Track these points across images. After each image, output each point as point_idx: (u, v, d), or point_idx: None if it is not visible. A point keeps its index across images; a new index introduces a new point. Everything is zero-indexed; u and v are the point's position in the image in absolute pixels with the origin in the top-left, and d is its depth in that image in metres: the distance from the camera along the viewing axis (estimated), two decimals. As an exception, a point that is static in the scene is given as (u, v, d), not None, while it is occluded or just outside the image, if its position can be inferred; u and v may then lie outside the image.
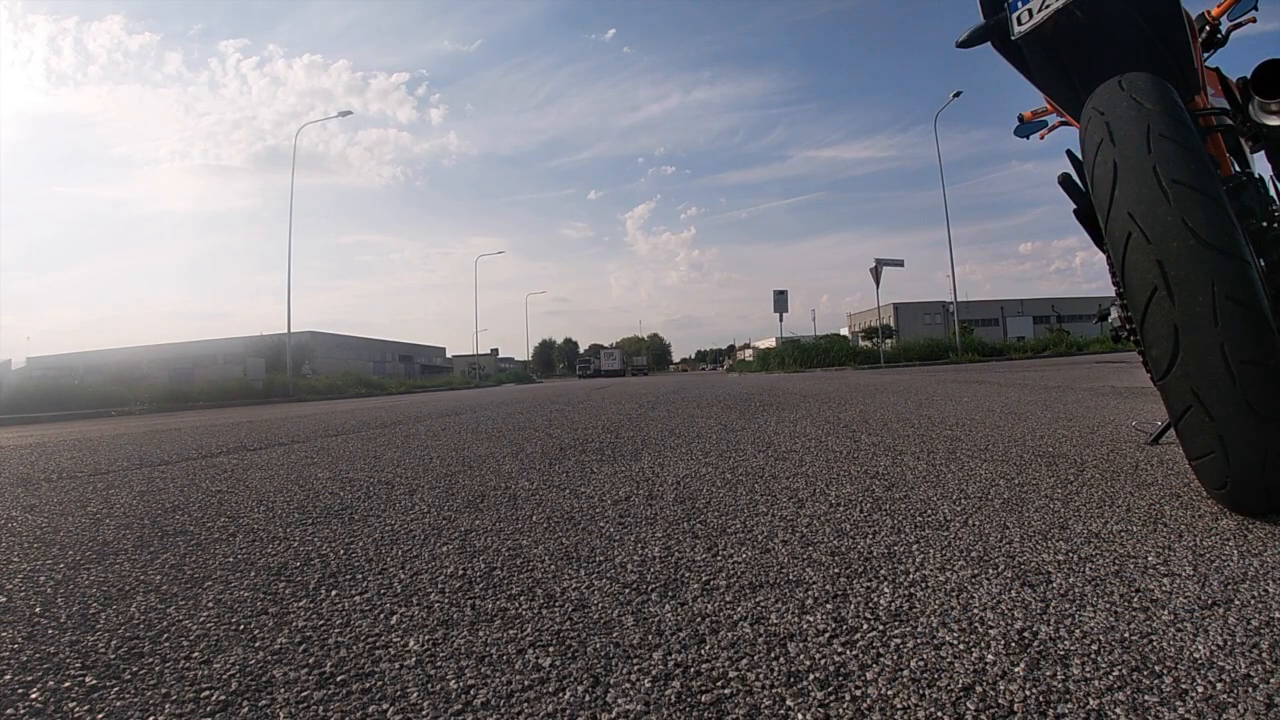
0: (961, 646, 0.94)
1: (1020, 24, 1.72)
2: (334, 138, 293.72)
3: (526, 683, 0.90)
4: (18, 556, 1.68)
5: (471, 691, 0.88)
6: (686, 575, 1.31)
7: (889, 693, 0.83)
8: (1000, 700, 0.80)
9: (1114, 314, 2.00)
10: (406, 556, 1.53)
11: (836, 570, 1.29)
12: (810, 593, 1.18)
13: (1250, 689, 0.80)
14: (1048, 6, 1.65)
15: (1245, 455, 1.27)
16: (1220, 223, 1.26)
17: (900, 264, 23.83)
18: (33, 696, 0.92)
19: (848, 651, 0.95)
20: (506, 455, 3.19)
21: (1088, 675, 0.84)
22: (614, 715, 0.81)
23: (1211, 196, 1.28)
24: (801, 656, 0.94)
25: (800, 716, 0.79)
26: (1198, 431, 1.33)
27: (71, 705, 0.90)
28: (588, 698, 0.86)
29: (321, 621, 1.15)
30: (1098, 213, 1.45)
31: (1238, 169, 1.79)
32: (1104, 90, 1.51)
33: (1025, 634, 0.97)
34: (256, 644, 1.07)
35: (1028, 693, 0.81)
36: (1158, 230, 1.29)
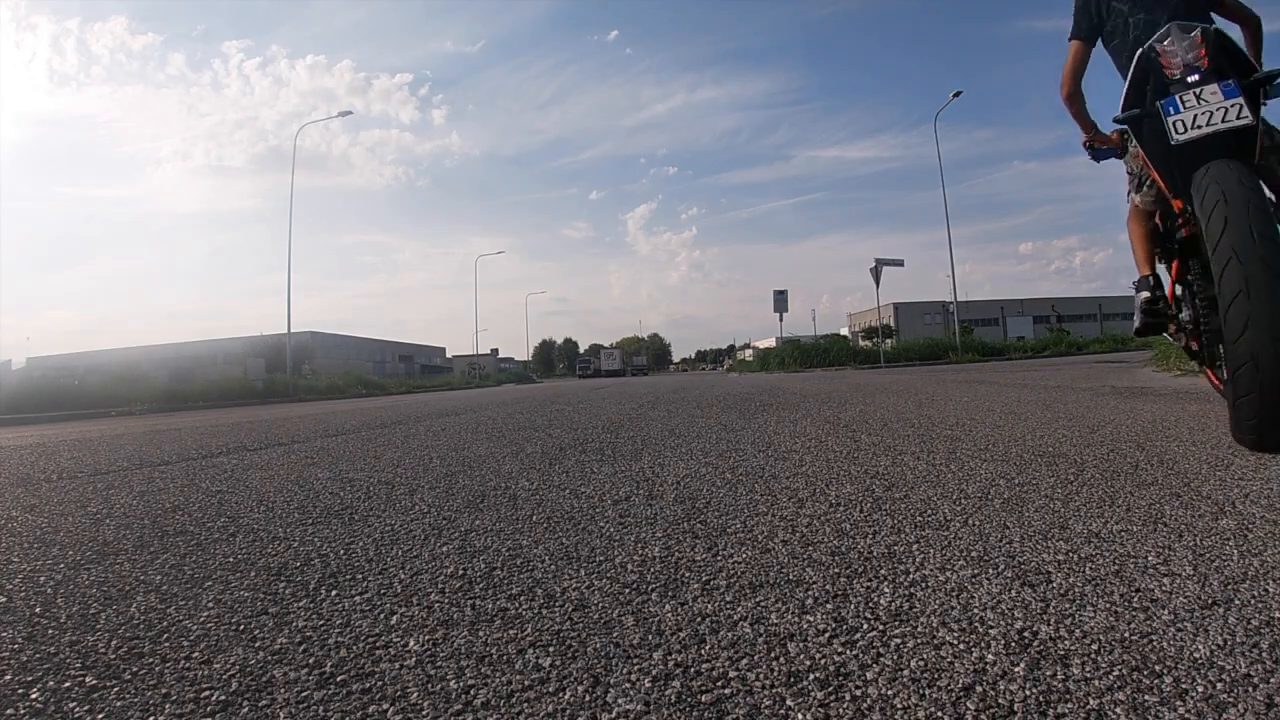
0: (962, 646, 0.94)
1: (1178, 132, 2.31)
2: (336, 138, 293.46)
3: (527, 683, 0.90)
4: (18, 556, 1.68)
5: (472, 691, 0.88)
6: (686, 575, 1.31)
7: (889, 693, 0.83)
8: (1000, 700, 0.80)
9: (1144, 294, 2.93)
10: (407, 556, 1.53)
11: (836, 570, 1.29)
12: (810, 592, 1.18)
13: (1250, 689, 0.80)
14: (1207, 128, 2.26)
15: (1276, 397, 1.96)
16: None
17: (900, 264, 23.82)
18: (33, 696, 0.92)
19: (848, 651, 0.95)
20: (506, 455, 3.19)
21: (1088, 675, 0.84)
22: (614, 715, 0.82)
23: (1278, 244, 2.02)
24: (801, 656, 0.94)
25: (800, 716, 0.79)
26: (1247, 379, 2.00)
27: (72, 705, 0.90)
28: (588, 698, 0.86)
29: (321, 621, 1.15)
30: (1207, 243, 2.13)
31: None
32: (1217, 168, 2.22)
33: (1025, 634, 0.97)
34: (256, 644, 1.07)
35: (1028, 692, 0.81)
36: (1248, 259, 2.00)
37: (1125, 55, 2.73)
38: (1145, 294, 2.94)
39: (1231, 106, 2.27)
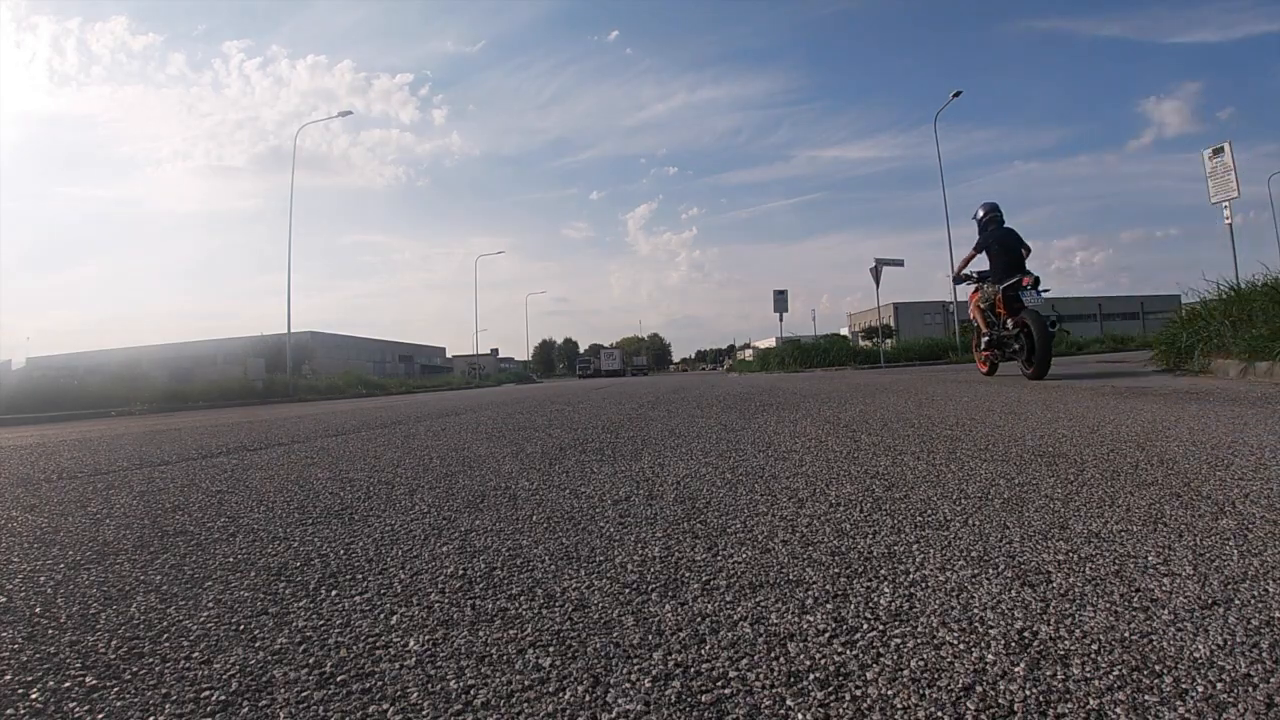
0: (962, 646, 0.94)
1: (1027, 303, 6.80)
2: (336, 138, 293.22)
3: (527, 683, 0.90)
4: (18, 556, 1.68)
5: (472, 691, 0.88)
6: (686, 575, 1.31)
7: (889, 693, 0.83)
8: (1000, 700, 0.80)
9: (986, 338, 7.83)
10: (406, 556, 1.53)
11: (836, 570, 1.29)
12: (810, 592, 1.18)
13: (1250, 689, 0.80)
14: (1034, 304, 6.77)
15: (1045, 366, 6.55)
16: (1047, 326, 6.65)
17: (900, 264, 23.79)
18: (33, 696, 0.92)
19: (848, 651, 0.95)
20: (506, 455, 3.19)
21: (1088, 675, 0.85)
22: (614, 715, 0.82)
23: (1047, 318, 6.72)
24: (801, 656, 0.94)
25: (800, 716, 0.79)
26: (1038, 360, 6.54)
27: (72, 705, 0.90)
28: (588, 698, 0.86)
29: (321, 621, 1.15)
30: (1034, 332, 6.64)
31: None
32: (1034, 312, 6.71)
33: (1025, 634, 0.97)
34: (256, 644, 1.07)
35: (1028, 692, 0.81)
36: (1041, 338, 6.57)
37: (996, 260, 7.43)
38: (986, 337, 7.66)
39: (1041, 297, 6.80)
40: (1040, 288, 6.86)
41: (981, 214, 7.90)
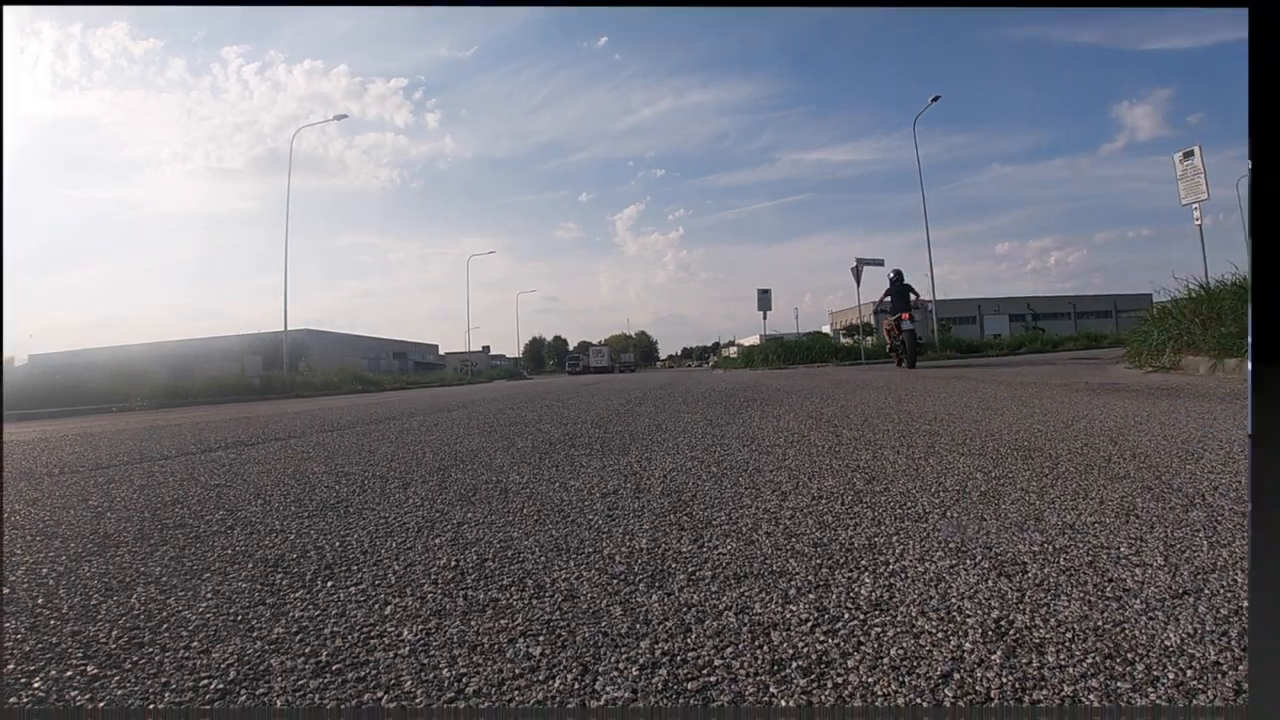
0: (940, 635, 0.97)
1: (903, 328, 12.75)
2: (332, 141, 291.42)
3: (517, 671, 0.93)
4: (21, 549, 1.69)
5: (464, 679, 0.91)
6: (673, 566, 1.33)
7: (870, 680, 0.86)
8: (977, 687, 0.83)
9: (889, 344, 14.84)
10: (400, 548, 1.55)
11: (819, 561, 1.32)
12: (793, 583, 1.21)
13: (1219, 676, 0.83)
14: (908, 327, 12.64)
15: (914, 360, 12.54)
16: (916, 340, 12.84)
17: (880, 263, 23.71)
18: (35, 685, 0.94)
19: (830, 640, 0.97)
20: (498, 450, 3.21)
21: (1062, 663, 0.87)
22: (603, 702, 0.84)
23: (915, 329, 12.90)
24: (785, 645, 0.97)
25: (784, 703, 0.82)
26: (910, 356, 12.48)
27: (73, 694, 0.92)
28: (577, 685, 0.88)
29: (318, 612, 1.18)
30: (906, 339, 12.71)
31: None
32: (909, 332, 12.67)
33: (1002, 623, 1.00)
34: (254, 634, 1.09)
35: (1004, 680, 0.84)
36: (911, 344, 12.60)
37: (895, 302, 13.19)
38: (889, 343, 14.41)
39: (914, 324, 12.69)
40: (914, 319, 12.68)
41: (892, 274, 13.47)
